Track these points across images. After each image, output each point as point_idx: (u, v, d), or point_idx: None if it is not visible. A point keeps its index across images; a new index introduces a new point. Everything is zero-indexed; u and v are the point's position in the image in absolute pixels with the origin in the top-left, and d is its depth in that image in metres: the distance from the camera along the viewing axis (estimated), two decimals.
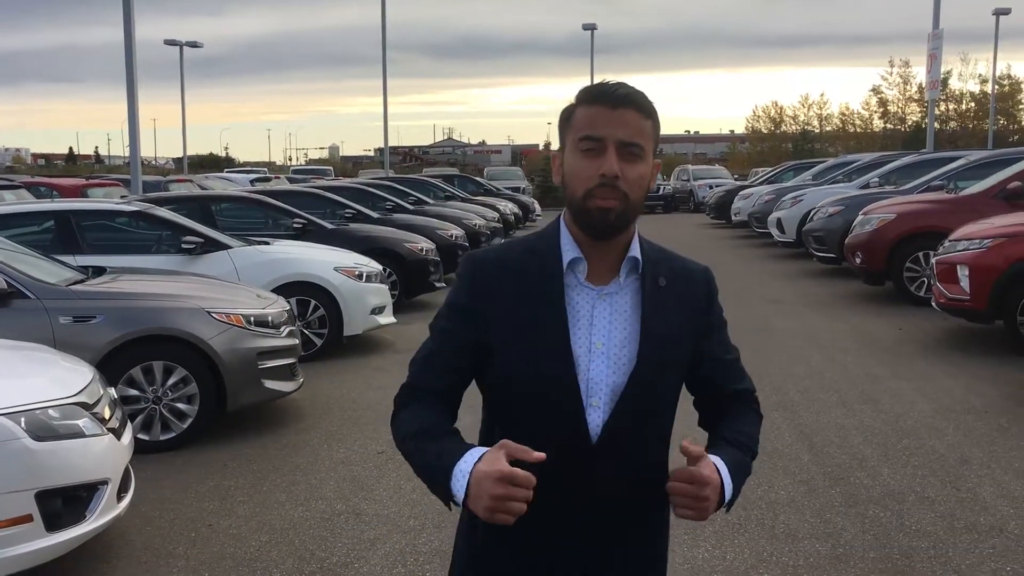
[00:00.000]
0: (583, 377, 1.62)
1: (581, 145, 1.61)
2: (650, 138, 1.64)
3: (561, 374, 1.61)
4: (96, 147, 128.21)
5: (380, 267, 9.28)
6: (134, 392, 5.66)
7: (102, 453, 3.94)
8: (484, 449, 1.55)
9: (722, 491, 1.61)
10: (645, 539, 1.74)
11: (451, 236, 13.15)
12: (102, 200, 12.36)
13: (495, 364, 1.67)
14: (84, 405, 3.97)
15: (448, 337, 1.70)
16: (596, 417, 1.62)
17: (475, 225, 15.72)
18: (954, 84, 52.46)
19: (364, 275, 8.70)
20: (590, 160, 1.60)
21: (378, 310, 8.75)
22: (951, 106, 53.24)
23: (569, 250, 1.66)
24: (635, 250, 1.68)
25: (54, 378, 4.17)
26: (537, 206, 28.09)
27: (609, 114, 1.59)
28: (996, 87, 44.41)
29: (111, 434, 4.03)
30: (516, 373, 1.65)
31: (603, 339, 1.64)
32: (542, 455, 1.50)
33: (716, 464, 1.61)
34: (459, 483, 1.52)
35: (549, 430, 1.61)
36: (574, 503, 1.64)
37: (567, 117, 1.67)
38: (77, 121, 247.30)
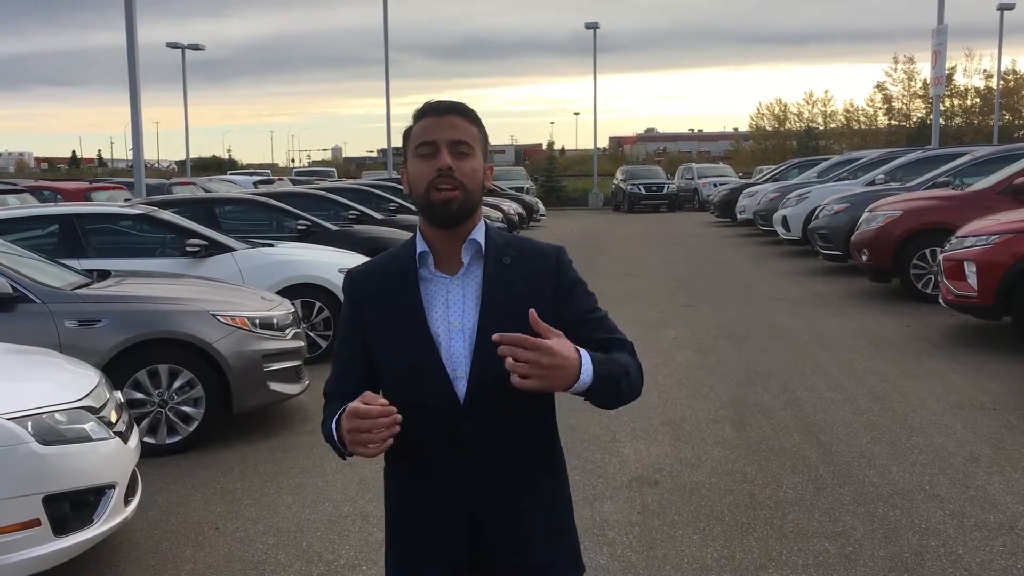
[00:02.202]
0: (446, 354, 1.87)
1: (419, 151, 1.87)
2: (477, 140, 1.90)
3: (426, 355, 1.87)
4: (99, 150, 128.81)
5: None
6: (140, 396, 5.66)
7: (109, 457, 3.94)
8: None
9: (579, 372, 1.74)
10: (536, 485, 1.95)
11: None
12: (106, 204, 12.39)
13: (374, 357, 1.93)
14: (91, 409, 3.96)
15: (343, 346, 2.00)
16: (462, 386, 1.87)
17: None
18: (959, 80, 52.19)
19: None
20: (427, 161, 1.86)
21: None
22: (956, 102, 52.96)
23: (419, 246, 1.92)
24: (476, 235, 1.91)
25: (60, 382, 4.17)
26: (541, 206, 28.04)
27: (438, 121, 1.87)
28: (1001, 82, 44.17)
29: (118, 438, 4.03)
30: (390, 360, 1.91)
31: (459, 318, 1.88)
32: (384, 401, 1.74)
33: (579, 349, 1.76)
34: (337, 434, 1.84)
35: (426, 400, 1.87)
36: (461, 451, 1.88)
37: (406, 136, 1.92)
38: (80, 125, 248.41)
